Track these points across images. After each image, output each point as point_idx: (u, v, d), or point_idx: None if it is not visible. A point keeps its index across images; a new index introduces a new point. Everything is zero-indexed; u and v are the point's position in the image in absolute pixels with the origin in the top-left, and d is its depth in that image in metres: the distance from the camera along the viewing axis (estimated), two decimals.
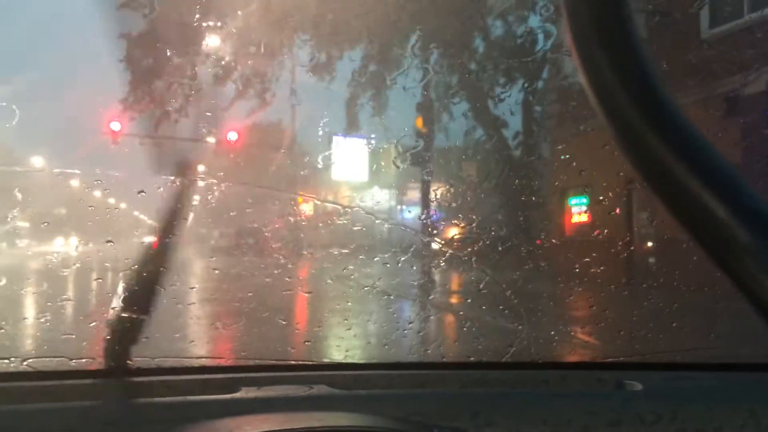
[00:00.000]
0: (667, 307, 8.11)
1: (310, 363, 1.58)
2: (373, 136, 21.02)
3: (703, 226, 0.41)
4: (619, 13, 0.46)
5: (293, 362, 1.55)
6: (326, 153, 21.37)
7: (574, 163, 14.57)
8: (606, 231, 13.36)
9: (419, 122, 11.81)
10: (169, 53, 15.28)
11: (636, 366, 1.69)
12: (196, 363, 1.42)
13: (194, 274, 13.74)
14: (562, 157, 14.89)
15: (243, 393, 1.30)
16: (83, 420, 1.18)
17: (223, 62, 15.94)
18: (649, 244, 12.83)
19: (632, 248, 12.81)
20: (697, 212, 0.41)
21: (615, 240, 13.42)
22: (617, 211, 13.26)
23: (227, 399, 1.27)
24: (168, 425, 1.13)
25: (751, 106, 10.20)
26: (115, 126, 15.72)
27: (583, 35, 0.45)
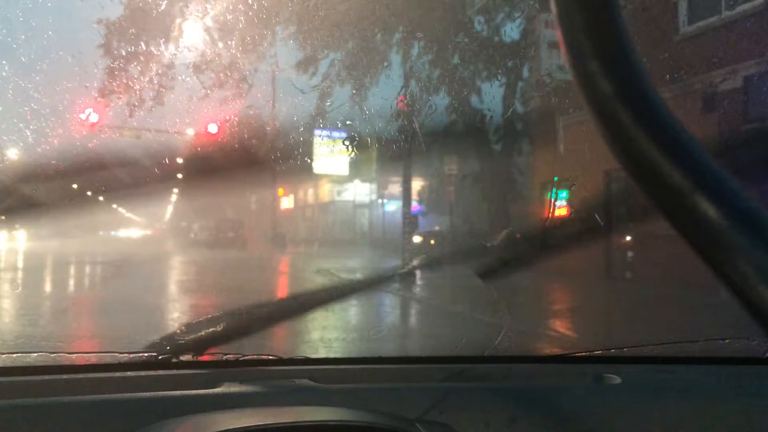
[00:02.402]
0: (644, 301, 8.21)
1: (293, 357, 1.57)
2: (354, 130, 21.00)
3: (693, 226, 0.41)
4: (610, 17, 0.46)
5: (275, 357, 1.54)
6: (307, 147, 21.31)
7: (555, 158, 14.67)
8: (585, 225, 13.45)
9: (400, 116, 11.82)
10: (146, 43, 15.16)
11: (615, 359, 1.71)
12: (177, 357, 1.40)
13: (174, 268, 13.68)
14: (542, 151, 14.99)
15: (225, 388, 1.29)
16: (62, 417, 1.17)
17: (201, 53, 15.82)
18: (627, 238, 12.95)
19: (611, 243, 12.93)
20: (687, 213, 0.41)
21: (596, 234, 13.50)
22: (596, 206, 13.36)
23: (209, 394, 1.26)
24: (149, 421, 1.12)
25: (727, 102, 10.33)
26: (93, 117, 15.56)
27: (575, 41, 0.45)
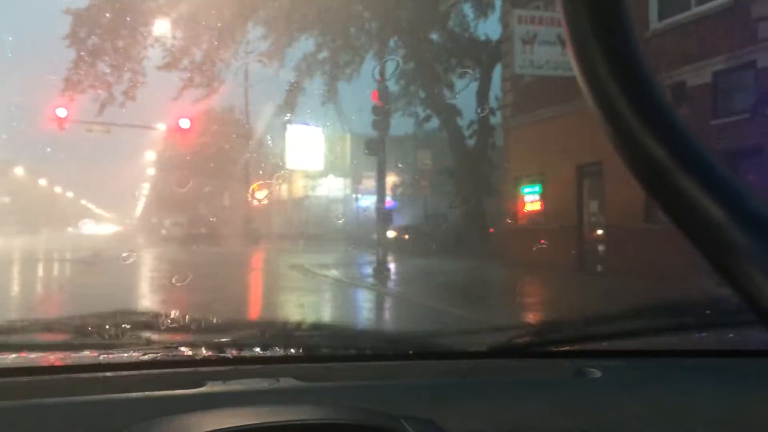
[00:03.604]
0: (618, 294, 8.31)
1: (276, 355, 1.56)
2: (328, 124, 20.90)
3: (700, 228, 0.41)
4: (619, 19, 0.47)
5: (258, 355, 1.53)
6: (281, 141, 21.20)
7: (528, 153, 14.76)
8: (558, 219, 13.60)
9: (375, 111, 11.79)
10: (116, 37, 14.93)
11: (595, 353, 1.73)
12: (158, 357, 1.38)
13: (145, 265, 13.53)
14: (516, 146, 15.07)
15: (208, 387, 1.28)
16: (44, 419, 1.15)
17: (173, 47, 15.64)
18: (599, 231, 13.09)
19: (583, 236, 13.05)
20: (694, 215, 0.41)
21: (567, 228, 13.66)
22: (569, 199, 13.50)
23: (192, 394, 1.25)
24: (131, 423, 1.10)
25: (697, 97, 10.47)
26: (61, 112, 15.29)
27: (582, 41, 0.46)
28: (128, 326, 1.39)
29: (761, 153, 8.28)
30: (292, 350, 1.60)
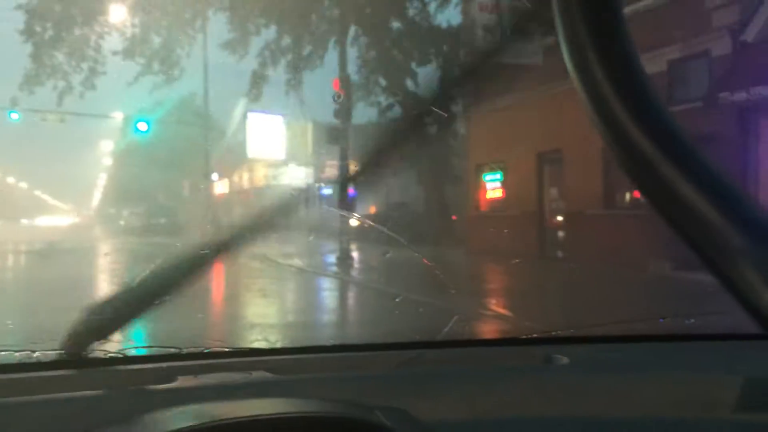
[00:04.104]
0: (579, 280, 8.45)
1: (247, 348, 1.55)
2: (289, 113, 20.74)
3: (693, 228, 0.42)
4: (614, 18, 0.47)
5: (231, 348, 1.51)
6: (241, 130, 20.98)
7: (489, 141, 14.88)
8: (519, 206, 13.75)
9: (336, 99, 11.75)
10: (72, 24, 14.59)
11: (563, 340, 1.76)
12: (131, 353, 1.36)
13: (103, 256, 13.30)
14: (478, 134, 15.17)
15: (180, 382, 1.26)
16: (10, 419, 1.12)
17: (130, 34, 15.34)
18: (559, 218, 13.28)
19: (544, 223, 13.22)
20: (691, 218, 0.42)
21: (528, 215, 13.82)
22: (530, 186, 13.65)
23: (164, 389, 1.23)
24: (102, 420, 1.07)
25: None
26: (15, 101, 14.93)
27: (577, 43, 0.46)
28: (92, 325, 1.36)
29: (714, 140, 8.48)
30: (263, 343, 1.60)
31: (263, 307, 6.69)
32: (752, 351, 1.65)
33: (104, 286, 8.08)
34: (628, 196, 11.25)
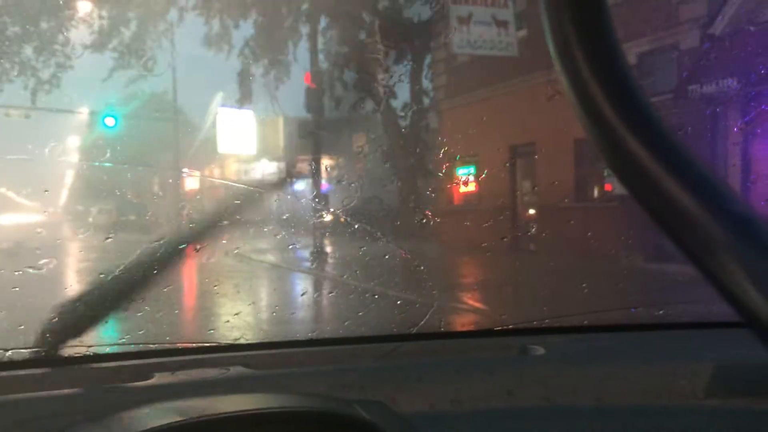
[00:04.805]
0: (553, 273, 8.53)
1: (224, 344, 1.55)
2: (261, 107, 20.59)
3: (681, 227, 0.42)
4: (600, 17, 0.47)
5: (207, 344, 1.51)
6: (212, 126, 20.78)
7: (461, 134, 14.92)
8: (492, 200, 13.81)
9: (308, 94, 11.70)
10: (38, 21, 14.31)
11: (538, 331, 1.79)
12: (104, 350, 1.34)
13: (71, 255, 13.10)
14: (450, 127, 15.22)
15: (156, 379, 1.25)
16: None
17: (99, 28, 15.10)
18: (532, 211, 13.40)
19: (517, 216, 13.32)
20: (676, 214, 0.42)
21: (501, 208, 13.90)
22: (503, 179, 13.74)
23: (140, 387, 1.22)
24: (78, 419, 1.06)
25: None
26: None
27: (563, 37, 0.47)
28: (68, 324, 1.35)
29: (683, 132, 8.59)
30: (240, 338, 1.60)
31: (236, 303, 6.65)
32: (722, 338, 1.69)
33: (75, 285, 7.97)
34: (599, 189, 11.39)
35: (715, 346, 1.67)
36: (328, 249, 11.19)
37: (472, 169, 15.09)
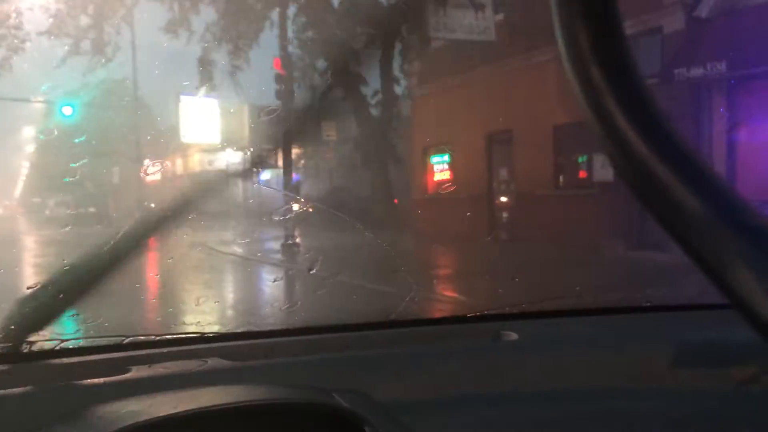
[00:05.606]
0: (525, 260, 8.63)
1: (201, 335, 1.57)
2: (225, 95, 20.39)
3: (677, 220, 0.44)
4: (609, 9, 0.50)
5: (183, 336, 1.52)
6: (175, 115, 20.54)
7: (435, 122, 14.96)
8: (468, 188, 13.89)
9: (275, 80, 11.64)
10: None
11: (511, 316, 1.84)
12: (73, 345, 1.35)
13: (28, 249, 12.92)
14: (423, 115, 15.24)
15: (134, 373, 1.26)
16: None
17: (55, 12, 14.80)
18: (509, 199, 13.50)
19: (493, 204, 13.41)
20: (670, 205, 0.44)
21: (478, 197, 13.98)
22: (479, 167, 13.80)
23: (117, 381, 1.23)
24: (53, 415, 1.06)
25: None
26: None
27: (573, 37, 0.48)
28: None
29: (670, 117, 8.68)
30: (217, 330, 1.63)
31: (207, 294, 6.65)
32: (695, 320, 1.76)
33: (35, 278, 7.85)
34: (578, 176, 11.50)
35: (689, 328, 1.73)
36: (298, 240, 11.19)
37: (446, 158, 15.15)
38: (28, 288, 1.33)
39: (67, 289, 1.32)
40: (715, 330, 1.63)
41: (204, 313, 4.73)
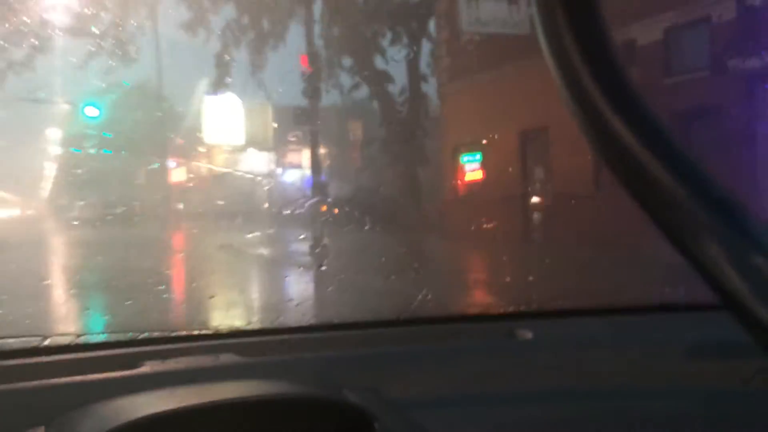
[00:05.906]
0: (551, 261, 8.56)
1: (216, 332, 1.61)
2: (250, 95, 20.58)
3: (663, 210, 0.44)
4: (592, 13, 0.49)
5: (197, 332, 1.56)
6: (199, 115, 20.79)
7: (467, 120, 14.89)
8: (501, 189, 13.81)
9: (301, 79, 11.69)
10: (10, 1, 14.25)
11: (527, 315, 1.85)
12: (93, 339, 1.39)
13: (52, 249, 13.14)
14: (454, 113, 15.20)
15: (147, 368, 1.29)
16: None
17: (79, 12, 15.02)
18: (546, 200, 13.35)
19: (528, 205, 13.31)
20: (657, 196, 0.44)
21: (510, 198, 13.88)
22: (512, 167, 13.70)
23: (132, 375, 1.25)
24: (69, 407, 1.09)
25: (648, 56, 10.68)
26: None
27: (554, 28, 0.49)
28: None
29: (719, 111, 8.47)
30: (230, 325, 1.66)
31: (225, 291, 6.72)
32: (711, 321, 1.74)
33: (55, 276, 8.01)
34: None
35: (704, 329, 1.72)
36: (326, 241, 11.25)
37: (477, 157, 15.06)
38: (53, 287, 1.35)
39: (92, 289, 1.35)
40: (735, 330, 1.59)
41: (218, 309, 4.80)
